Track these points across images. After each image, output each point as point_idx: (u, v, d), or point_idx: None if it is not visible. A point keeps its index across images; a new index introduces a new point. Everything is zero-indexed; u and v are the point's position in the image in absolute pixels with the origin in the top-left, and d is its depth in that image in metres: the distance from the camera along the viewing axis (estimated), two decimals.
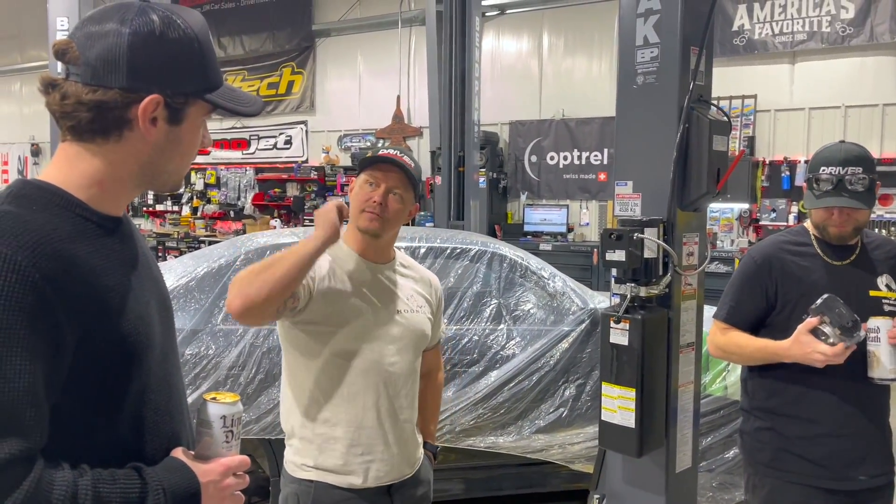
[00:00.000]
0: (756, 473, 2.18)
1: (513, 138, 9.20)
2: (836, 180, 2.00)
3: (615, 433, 2.89)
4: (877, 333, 1.93)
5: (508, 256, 3.93)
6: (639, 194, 3.01)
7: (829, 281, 2.06)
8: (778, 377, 2.11)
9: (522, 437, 3.65)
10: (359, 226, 1.89)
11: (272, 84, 11.28)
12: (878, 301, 2.08)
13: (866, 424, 2.07)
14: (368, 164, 1.90)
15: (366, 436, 1.88)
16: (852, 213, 2.03)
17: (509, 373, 3.63)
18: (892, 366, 1.91)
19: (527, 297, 3.85)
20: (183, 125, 1.14)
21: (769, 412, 2.14)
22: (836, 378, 2.02)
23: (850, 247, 2.15)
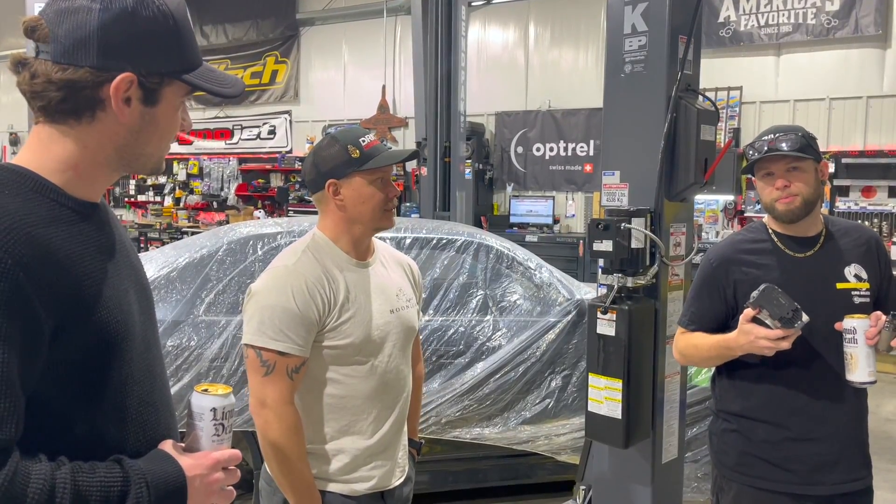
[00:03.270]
0: (722, 476, 2.11)
1: (499, 129, 9.17)
2: (769, 140, 1.95)
3: (602, 424, 2.87)
4: (853, 335, 1.81)
5: (495, 247, 3.91)
6: (626, 184, 2.99)
7: (791, 276, 1.96)
8: (745, 379, 2.04)
9: (508, 428, 3.64)
10: (382, 226, 1.82)
11: (256, 73, 11.16)
12: (846, 294, 1.97)
13: (839, 428, 1.97)
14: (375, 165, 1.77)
15: (372, 444, 1.82)
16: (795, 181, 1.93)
17: (495, 364, 3.61)
18: (870, 368, 1.82)
19: (513, 288, 3.83)
20: (159, 106, 1.09)
21: (735, 415, 2.06)
22: (805, 381, 1.95)
23: (813, 238, 2.04)
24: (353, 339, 1.75)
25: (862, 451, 2.04)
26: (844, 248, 2.01)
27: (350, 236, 1.82)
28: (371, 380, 1.80)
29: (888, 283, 2.05)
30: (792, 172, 1.94)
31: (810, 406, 1.95)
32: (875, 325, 1.79)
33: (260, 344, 1.68)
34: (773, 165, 1.96)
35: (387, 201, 1.79)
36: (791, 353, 1.96)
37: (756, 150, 1.98)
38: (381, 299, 1.84)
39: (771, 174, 1.96)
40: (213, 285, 3.44)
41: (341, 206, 1.80)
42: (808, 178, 1.95)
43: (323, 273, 1.75)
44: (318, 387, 1.77)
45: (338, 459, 1.78)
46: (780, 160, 1.94)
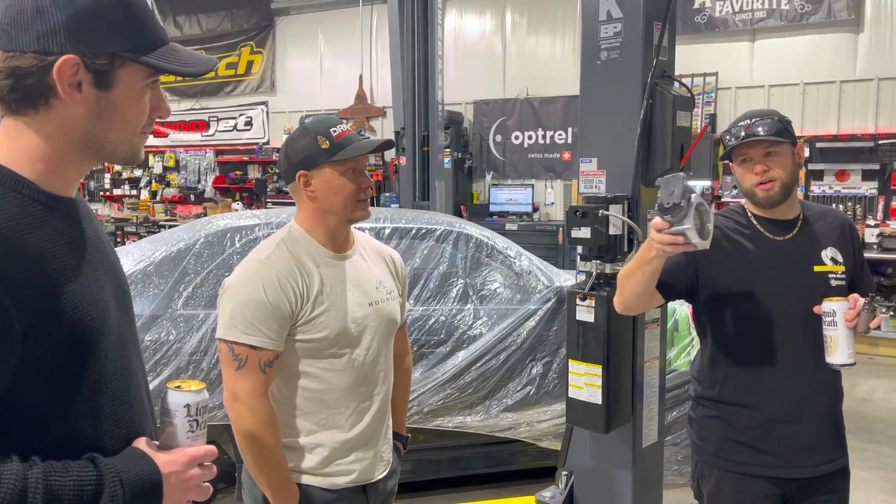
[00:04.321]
0: (703, 462, 2.12)
1: (477, 118, 9.16)
2: (746, 126, 1.96)
3: (582, 410, 2.89)
4: (833, 317, 1.81)
5: (474, 236, 3.91)
6: (603, 171, 3.00)
7: (769, 258, 1.97)
8: (724, 364, 2.04)
9: (490, 416, 3.65)
10: (356, 217, 1.79)
11: (231, 64, 11.04)
12: (823, 277, 1.98)
13: (817, 410, 1.99)
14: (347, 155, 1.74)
15: (351, 438, 1.80)
16: (773, 165, 1.94)
17: (476, 352, 3.62)
18: (849, 350, 1.82)
19: (493, 277, 3.84)
20: (115, 90, 1.05)
21: (715, 401, 2.07)
22: (784, 364, 1.96)
23: (791, 221, 2.04)
24: (329, 333, 1.74)
25: (838, 432, 2.08)
26: (820, 231, 2.03)
27: (325, 228, 1.81)
28: (349, 373, 1.79)
29: (861, 266, 2.08)
30: (770, 157, 1.96)
31: (789, 389, 1.97)
32: (854, 307, 1.81)
33: (231, 338, 1.67)
34: (751, 151, 1.97)
35: (359, 192, 1.77)
36: (769, 336, 1.98)
37: (733, 136, 2.00)
38: (358, 292, 1.83)
39: (749, 160, 1.98)
40: (190, 279, 3.41)
41: (313, 198, 1.78)
42: (786, 162, 1.97)
43: (296, 266, 1.74)
44: (294, 380, 1.76)
45: (316, 453, 1.78)
46: (757, 145, 1.96)
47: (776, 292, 1.97)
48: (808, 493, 2.01)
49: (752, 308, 1.98)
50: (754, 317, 1.98)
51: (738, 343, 2.01)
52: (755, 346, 1.98)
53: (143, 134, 1.12)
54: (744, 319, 1.99)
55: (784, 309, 1.96)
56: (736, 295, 1.98)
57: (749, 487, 2.00)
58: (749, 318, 1.99)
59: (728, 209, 2.13)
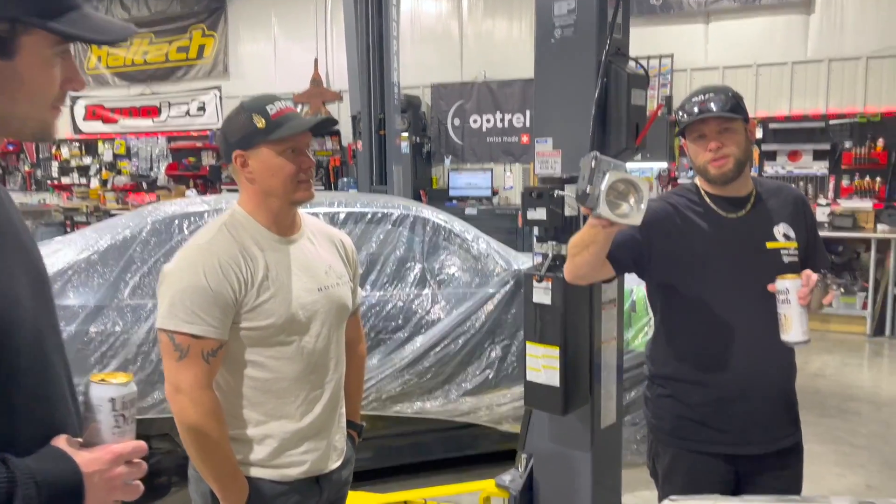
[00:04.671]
0: (658, 441, 2.11)
1: (435, 101, 9.08)
2: (700, 102, 1.94)
3: (540, 392, 2.88)
4: (786, 295, 1.79)
5: (431, 220, 3.86)
6: (559, 151, 2.96)
7: (722, 235, 1.95)
8: (678, 342, 2.04)
9: (450, 400, 3.62)
10: (298, 199, 1.72)
11: (182, 48, 10.74)
12: (775, 253, 1.95)
13: (770, 387, 1.98)
14: (287, 133, 1.66)
15: (302, 428, 1.74)
16: (727, 142, 1.92)
17: (435, 337, 3.59)
18: (803, 327, 1.81)
19: (451, 261, 3.80)
20: (18, 58, 0.97)
21: (669, 379, 2.06)
22: (737, 341, 1.95)
23: (744, 198, 2.01)
24: (275, 320, 1.67)
25: (792, 409, 2.08)
26: (773, 208, 2.03)
27: (268, 210, 1.73)
28: (298, 361, 1.72)
29: (814, 242, 2.08)
30: (724, 134, 1.94)
31: (743, 366, 1.97)
32: (807, 284, 1.80)
33: (172, 327, 1.60)
34: (706, 127, 1.95)
35: (299, 172, 1.70)
36: (722, 314, 1.97)
37: (687, 112, 1.97)
38: (306, 277, 1.76)
39: (703, 136, 1.96)
40: (137, 267, 3.29)
41: (251, 179, 1.71)
42: (739, 138, 1.96)
43: (239, 251, 1.67)
44: (241, 370, 1.69)
45: (266, 444, 1.71)
46: (712, 122, 1.94)
47: (729, 270, 1.96)
48: (761, 470, 2.01)
49: (705, 286, 1.97)
50: (707, 295, 1.97)
51: (690, 321, 2.00)
52: (708, 323, 1.97)
53: (54, 108, 1.03)
54: (696, 297, 1.98)
55: (737, 286, 1.95)
56: (688, 273, 1.97)
57: (703, 465, 2.00)
58: (702, 296, 1.97)
59: (681, 187, 2.12)
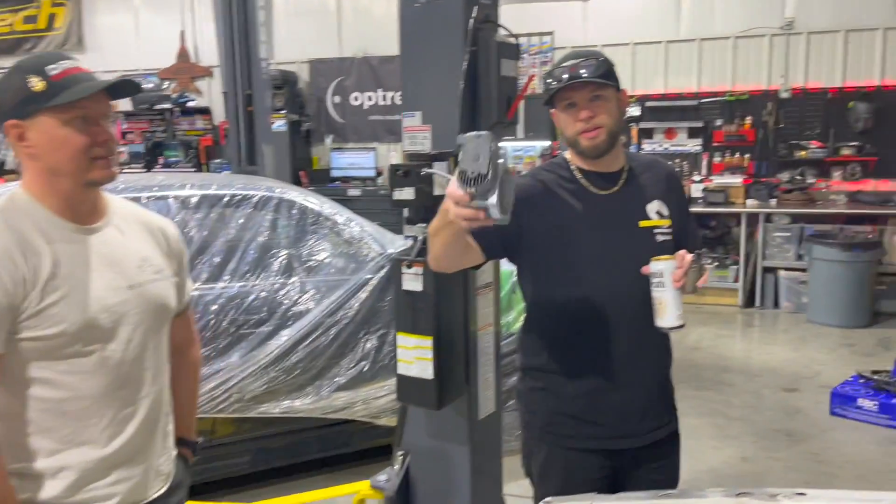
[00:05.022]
0: (532, 438, 1.96)
1: (313, 78, 8.67)
2: (570, 67, 1.76)
3: (413, 386, 2.68)
4: (661, 278, 1.67)
5: (298, 202, 3.57)
6: (428, 126, 2.75)
7: (594, 214, 1.80)
8: (548, 331, 1.89)
9: (322, 397, 3.38)
10: (93, 179, 1.42)
11: (29, 17, 9.73)
12: (649, 232, 1.83)
13: (645, 375, 1.87)
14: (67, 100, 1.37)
15: (109, 454, 1.45)
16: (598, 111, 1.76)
17: (303, 329, 3.33)
18: (678, 311, 1.69)
19: (321, 246, 3.53)
20: None
21: (541, 370, 1.90)
22: (611, 327, 1.82)
23: (616, 174, 1.86)
24: (66, 327, 1.36)
25: (668, 396, 1.98)
26: (646, 183, 1.89)
27: (57, 193, 1.42)
28: (101, 375, 1.42)
29: (686, 218, 1.97)
30: (595, 102, 1.78)
31: (617, 354, 1.84)
32: (681, 265, 1.68)
33: None
34: (576, 95, 1.78)
35: (92, 146, 1.39)
36: (595, 298, 1.82)
37: (556, 78, 1.79)
38: (112, 273, 1.46)
39: (573, 105, 1.79)
40: None
41: (32, 155, 1.39)
42: (611, 107, 1.80)
43: (17, 244, 1.35)
44: (24, 390, 1.38)
45: (61, 478, 1.40)
46: (582, 88, 1.77)
47: (601, 251, 1.81)
48: (639, 463, 1.90)
49: (577, 269, 1.81)
50: (579, 278, 1.82)
51: (562, 306, 1.84)
52: (579, 309, 1.82)
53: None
54: (568, 281, 1.82)
55: (610, 268, 1.81)
56: (559, 255, 1.80)
57: (579, 462, 1.85)
58: (573, 280, 1.82)
59: (551, 162, 1.94)
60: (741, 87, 7.38)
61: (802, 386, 4.80)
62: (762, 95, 7.29)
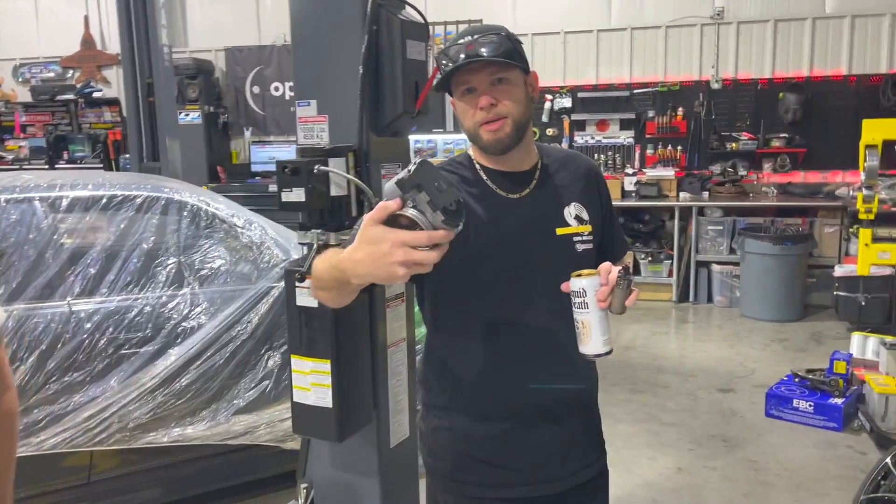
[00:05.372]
0: (436, 486, 1.67)
1: (230, 67, 8.16)
2: (467, 44, 1.46)
3: (310, 416, 2.34)
4: (583, 298, 1.40)
5: (189, 203, 3.17)
6: (325, 117, 2.42)
7: (503, 222, 1.50)
8: (453, 362, 1.59)
9: (219, 422, 3.00)
10: None
11: None
12: (567, 241, 1.54)
13: (569, 409, 1.60)
14: None
15: None
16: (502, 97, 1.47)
17: (195, 347, 2.94)
18: (605, 336, 1.43)
19: (216, 252, 3.14)
20: None
21: (447, 409, 1.60)
22: (527, 356, 1.54)
23: (527, 173, 1.57)
24: None
25: (595, 430, 1.70)
26: (562, 183, 1.60)
27: None
28: None
29: (610, 223, 1.69)
30: (498, 87, 1.47)
31: (536, 387, 1.55)
32: (607, 282, 1.40)
33: None
34: (475, 78, 1.47)
35: None
36: (508, 322, 1.53)
37: (450, 58, 1.47)
38: None
39: (472, 90, 1.48)
40: None
41: None
42: (518, 93, 1.50)
43: None
44: None
45: None
46: (482, 70, 1.46)
47: (513, 265, 1.51)
48: None
49: (485, 287, 1.51)
50: (488, 299, 1.52)
51: (469, 334, 1.54)
52: (489, 336, 1.53)
53: None
54: (475, 303, 1.52)
55: (524, 286, 1.52)
56: (463, 271, 1.49)
57: None
58: (481, 302, 1.52)
59: (452, 161, 1.63)
60: (673, 77, 7.25)
61: (737, 386, 4.66)
62: (694, 86, 7.18)
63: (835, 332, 5.78)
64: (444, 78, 1.47)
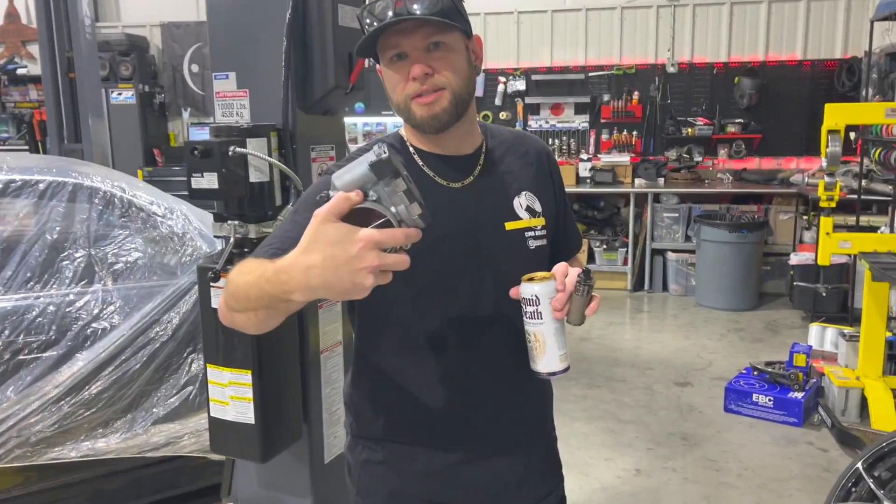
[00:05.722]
0: None
1: (167, 44, 7.69)
2: (395, 1, 1.17)
3: (230, 433, 2.07)
4: (535, 306, 1.17)
5: (102, 189, 2.84)
6: (245, 91, 2.13)
7: (442, 216, 1.18)
8: (388, 385, 1.33)
9: (136, 433, 2.70)
10: None
11: None
12: (518, 237, 1.30)
13: (523, 434, 1.37)
14: None
15: None
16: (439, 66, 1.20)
17: (108, 351, 2.63)
18: (561, 350, 1.20)
19: (132, 244, 2.82)
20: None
21: (380, 440, 1.35)
22: (472, 377, 1.30)
23: (471, 158, 1.31)
24: None
25: (551, 453, 1.47)
26: (511, 169, 1.35)
27: None
28: None
29: (564, 214, 1.44)
30: (434, 53, 1.21)
31: (482, 412, 1.31)
32: (563, 288, 1.16)
33: None
34: (406, 41, 1.20)
35: None
36: (450, 336, 1.28)
37: (376, 16, 1.20)
38: None
39: (403, 55, 1.21)
40: None
41: None
42: (458, 60, 1.23)
43: None
44: None
45: None
46: (415, 32, 1.19)
47: (456, 268, 1.26)
48: None
49: (422, 296, 1.26)
50: (423, 309, 1.26)
51: (406, 350, 1.29)
52: (432, 352, 1.28)
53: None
54: (411, 313, 1.27)
55: (467, 292, 1.27)
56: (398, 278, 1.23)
57: None
58: (418, 311, 1.27)
59: (378, 141, 1.36)
60: (629, 60, 7.08)
61: (695, 379, 4.52)
62: (650, 70, 7.02)
63: (790, 321, 5.71)
64: (369, 40, 1.19)
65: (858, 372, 3.91)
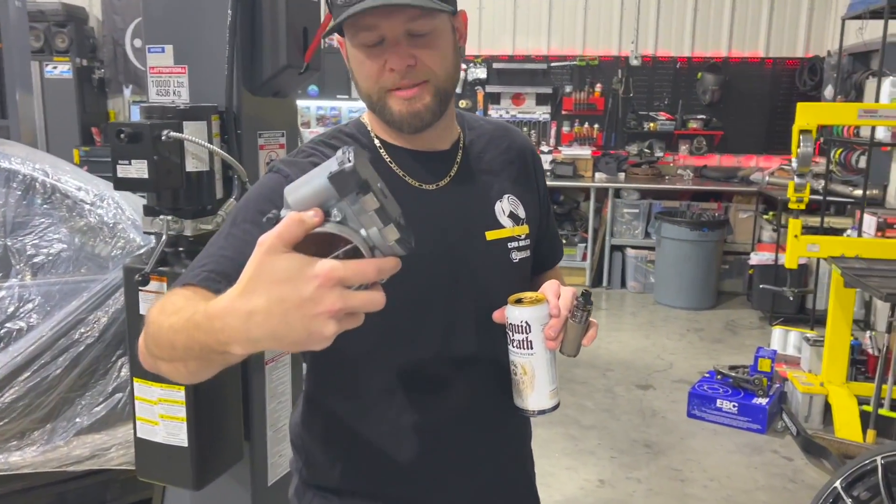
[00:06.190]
0: None
1: (107, 16, 7.24)
2: None
3: (160, 457, 1.83)
4: (525, 334, 0.98)
5: (21, 172, 2.54)
6: (184, 67, 1.87)
7: (413, 223, 0.83)
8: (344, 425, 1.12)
9: (55, 445, 2.42)
10: None
11: None
12: (500, 248, 1.11)
13: (499, 475, 1.18)
14: None
15: None
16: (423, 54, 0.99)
17: (24, 355, 2.35)
18: (552, 386, 1.02)
19: (55, 235, 2.54)
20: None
21: (336, 491, 1.13)
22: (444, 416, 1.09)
23: (447, 154, 1.10)
24: None
25: (529, 493, 1.28)
26: (492, 168, 1.14)
27: None
28: None
29: (547, 220, 1.24)
30: (419, 39, 0.98)
31: (455, 455, 1.12)
32: (557, 313, 0.97)
33: None
34: (385, 22, 0.97)
35: None
36: (420, 367, 1.07)
37: None
38: None
39: (380, 42, 0.98)
40: None
41: None
42: (444, 46, 1.01)
43: None
44: None
45: None
46: (395, 15, 0.96)
47: (429, 289, 1.05)
48: None
49: (392, 321, 1.03)
50: (389, 344, 1.05)
51: (368, 384, 1.08)
52: (400, 389, 1.07)
53: None
54: (373, 341, 1.05)
55: (440, 322, 1.06)
56: None
57: None
58: (382, 338, 1.05)
59: (338, 132, 1.12)
60: (592, 51, 6.93)
61: (656, 381, 4.41)
62: (613, 62, 6.89)
63: (748, 321, 5.66)
64: (338, 23, 0.96)
65: (822, 377, 3.84)
